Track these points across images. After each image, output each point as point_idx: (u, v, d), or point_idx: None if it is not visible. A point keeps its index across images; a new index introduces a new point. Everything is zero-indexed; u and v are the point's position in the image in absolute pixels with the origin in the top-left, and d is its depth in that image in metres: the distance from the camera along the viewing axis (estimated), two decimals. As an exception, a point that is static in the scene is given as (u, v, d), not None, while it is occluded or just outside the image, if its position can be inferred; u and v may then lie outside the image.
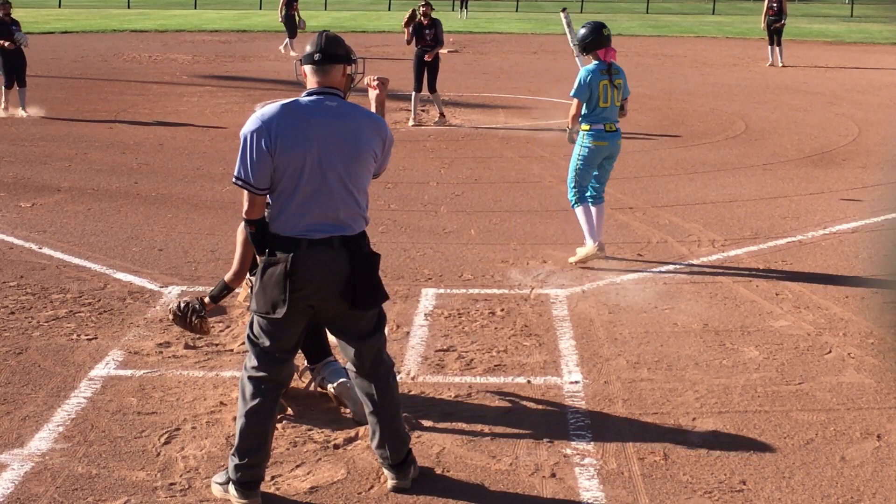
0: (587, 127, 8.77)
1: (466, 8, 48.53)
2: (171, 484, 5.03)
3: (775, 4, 27.10)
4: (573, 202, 8.90)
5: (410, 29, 16.55)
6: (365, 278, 4.79)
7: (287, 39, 28.31)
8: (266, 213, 4.82)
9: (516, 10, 54.77)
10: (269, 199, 4.81)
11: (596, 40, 8.85)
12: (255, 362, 4.83)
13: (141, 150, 14.20)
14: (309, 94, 4.81)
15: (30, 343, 6.87)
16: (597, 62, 8.83)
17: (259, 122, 4.70)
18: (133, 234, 9.71)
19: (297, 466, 5.23)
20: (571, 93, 8.82)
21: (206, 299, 6.03)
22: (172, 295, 7.91)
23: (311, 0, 56.47)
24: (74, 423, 5.66)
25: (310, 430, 5.64)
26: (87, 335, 7.02)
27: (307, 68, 4.85)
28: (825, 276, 8.65)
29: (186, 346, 6.84)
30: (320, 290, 4.73)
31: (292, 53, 27.15)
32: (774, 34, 27.32)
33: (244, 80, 22.72)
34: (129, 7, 48.86)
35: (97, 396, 6.04)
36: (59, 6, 48.35)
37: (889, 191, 11.66)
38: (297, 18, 27.92)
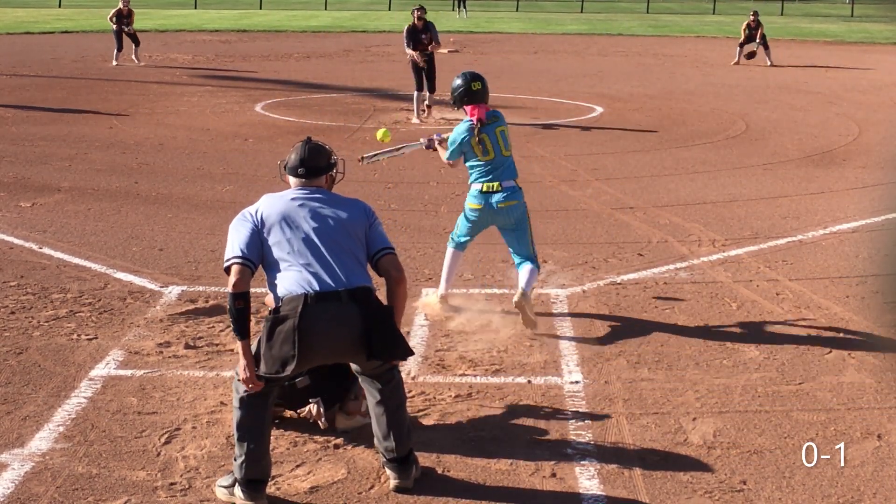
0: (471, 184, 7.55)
1: (465, 7, 48.51)
2: (172, 484, 5.03)
3: (753, 31, 27.44)
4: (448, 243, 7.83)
5: (406, 36, 16.81)
6: (381, 327, 4.81)
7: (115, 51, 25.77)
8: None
9: (516, 10, 54.77)
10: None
11: (465, 94, 7.52)
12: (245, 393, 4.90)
13: (141, 150, 14.20)
14: (295, 189, 5.07)
15: (30, 343, 6.87)
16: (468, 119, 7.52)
17: (245, 213, 4.98)
18: (133, 234, 9.71)
19: (298, 466, 5.23)
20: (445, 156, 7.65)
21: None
22: (172, 295, 7.92)
23: (312, 0, 56.51)
24: (75, 423, 5.66)
25: (310, 430, 5.63)
26: (87, 335, 7.02)
27: (291, 179, 5.10)
28: (825, 276, 8.65)
29: (187, 346, 6.84)
30: (330, 340, 4.76)
31: (114, 63, 25.24)
32: (754, 42, 27.59)
33: (244, 80, 22.72)
34: (129, 7, 48.82)
35: (97, 396, 6.04)
36: (59, 6, 48.33)
37: (889, 191, 11.66)
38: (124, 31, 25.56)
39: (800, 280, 8.51)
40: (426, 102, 17.06)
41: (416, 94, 16.95)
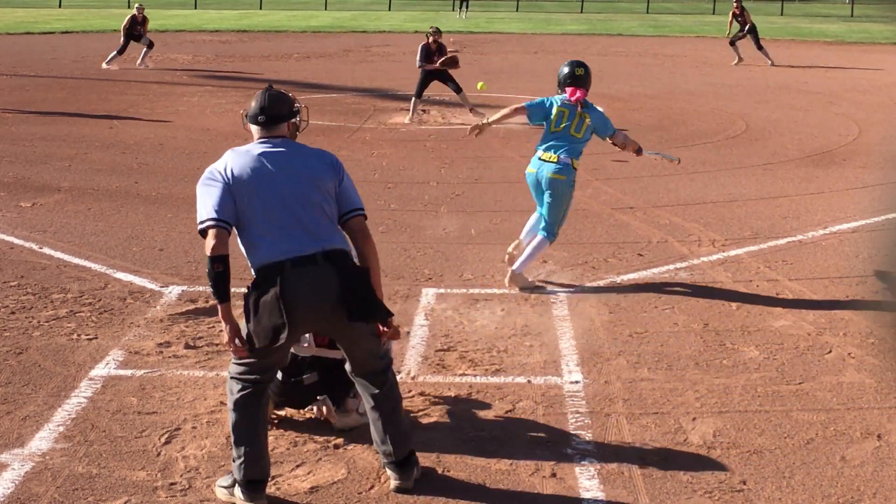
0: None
1: (467, 8, 48.50)
2: (172, 484, 5.03)
3: (739, 18, 27.45)
4: None
5: (420, 54, 17.00)
6: (358, 290, 4.80)
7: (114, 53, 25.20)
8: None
9: (516, 10, 54.78)
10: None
11: (569, 77, 8.41)
12: (242, 369, 4.88)
13: (141, 150, 14.20)
14: (258, 142, 4.94)
15: (30, 343, 6.87)
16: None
17: (213, 171, 4.85)
18: (133, 234, 9.71)
19: (298, 466, 5.23)
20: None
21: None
22: (173, 295, 7.92)
23: (312, 0, 56.53)
24: (75, 423, 5.67)
25: (310, 430, 5.64)
26: (87, 335, 7.02)
27: (252, 127, 4.98)
28: (825, 276, 8.65)
29: (186, 346, 6.84)
30: (312, 306, 4.74)
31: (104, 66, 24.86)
32: (748, 38, 27.59)
33: (244, 80, 22.72)
34: (129, 7, 48.79)
35: (97, 396, 6.04)
36: (60, 6, 48.35)
37: (889, 191, 11.66)
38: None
39: (800, 280, 8.51)
40: (468, 106, 17.25)
41: (414, 99, 17.09)
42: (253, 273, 4.83)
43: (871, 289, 8.41)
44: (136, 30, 25.11)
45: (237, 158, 4.85)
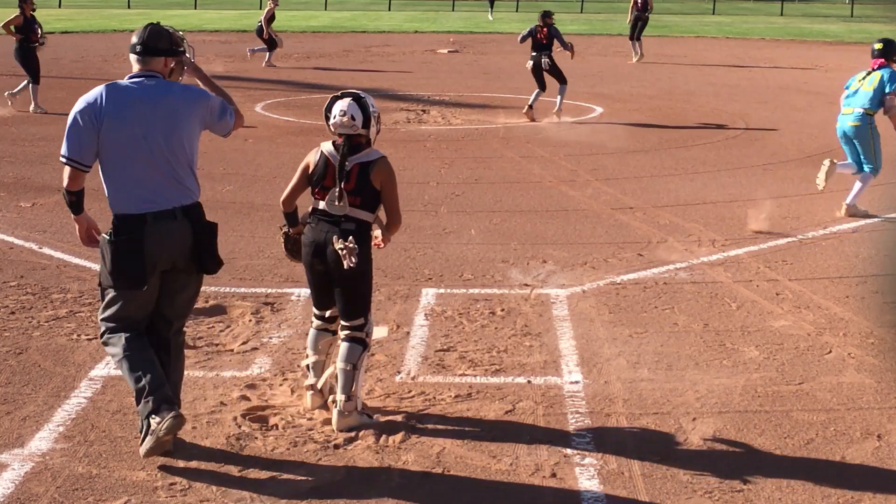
0: None
1: (492, 9, 48.20)
2: (172, 484, 5.03)
3: (642, 14, 27.54)
4: None
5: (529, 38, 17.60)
6: (210, 245, 5.27)
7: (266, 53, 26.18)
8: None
9: (516, 11, 54.74)
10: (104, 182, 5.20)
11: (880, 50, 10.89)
12: (112, 325, 5.25)
13: (141, 150, 14.18)
14: (131, 77, 5.21)
15: (30, 343, 6.87)
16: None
17: (84, 103, 5.11)
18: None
19: (298, 466, 5.23)
20: None
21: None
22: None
23: (312, 0, 56.51)
24: (75, 423, 5.67)
25: (310, 430, 5.64)
26: (87, 335, 7.02)
27: (131, 57, 5.24)
28: (825, 276, 8.65)
29: (186, 347, 6.82)
30: (170, 258, 5.16)
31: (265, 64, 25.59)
32: (636, 28, 27.67)
33: (244, 80, 22.71)
34: (129, 7, 48.84)
35: (97, 396, 6.04)
36: (59, 6, 48.33)
37: (889, 191, 11.67)
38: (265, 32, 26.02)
39: (800, 280, 8.51)
40: (533, 101, 17.23)
41: (537, 91, 17.21)
42: (112, 214, 5.19)
43: (871, 289, 8.42)
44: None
45: (109, 93, 5.10)
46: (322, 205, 5.59)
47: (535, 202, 11.32)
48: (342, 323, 5.70)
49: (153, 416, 5.06)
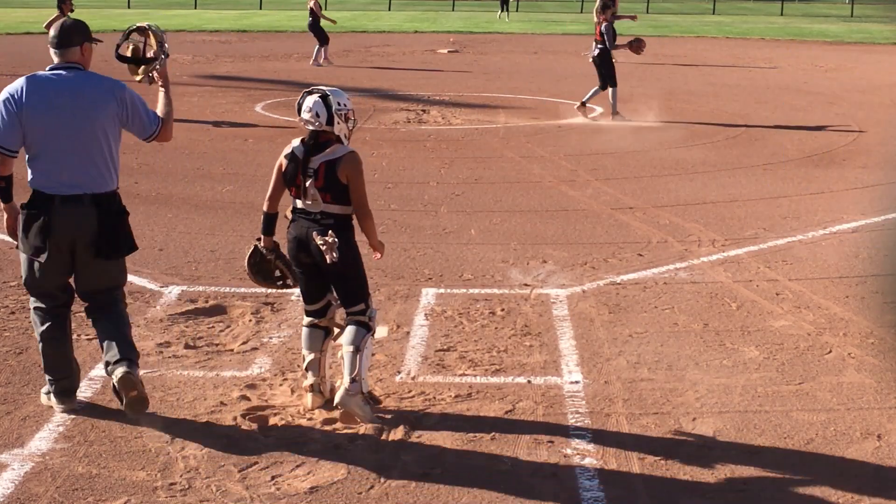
0: None
1: (507, 9, 48.22)
2: (172, 484, 5.03)
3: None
4: None
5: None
6: (109, 232, 5.54)
7: (317, 47, 26.23)
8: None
9: (516, 11, 54.77)
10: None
11: None
12: (33, 299, 5.73)
13: (141, 151, 14.17)
14: (51, 69, 5.55)
15: (30, 343, 6.87)
16: None
17: (7, 94, 5.47)
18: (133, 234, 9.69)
19: (297, 466, 5.23)
20: None
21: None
22: (172, 295, 7.92)
23: (312, 0, 56.50)
24: (74, 423, 5.67)
25: (310, 430, 5.64)
26: (87, 335, 7.01)
27: (51, 51, 5.58)
28: (825, 276, 8.65)
29: (186, 346, 6.84)
30: (73, 240, 5.49)
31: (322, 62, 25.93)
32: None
33: (244, 80, 22.72)
34: (129, 7, 48.87)
35: (97, 396, 6.04)
36: (59, 6, 48.31)
37: (889, 191, 11.67)
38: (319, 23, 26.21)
39: (800, 280, 8.51)
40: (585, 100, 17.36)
41: (610, 90, 17.39)
42: (30, 188, 5.59)
43: (871, 289, 8.42)
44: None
45: (29, 85, 5.45)
46: (300, 203, 5.73)
47: (534, 202, 11.32)
48: (345, 311, 5.82)
49: (51, 395, 5.78)
